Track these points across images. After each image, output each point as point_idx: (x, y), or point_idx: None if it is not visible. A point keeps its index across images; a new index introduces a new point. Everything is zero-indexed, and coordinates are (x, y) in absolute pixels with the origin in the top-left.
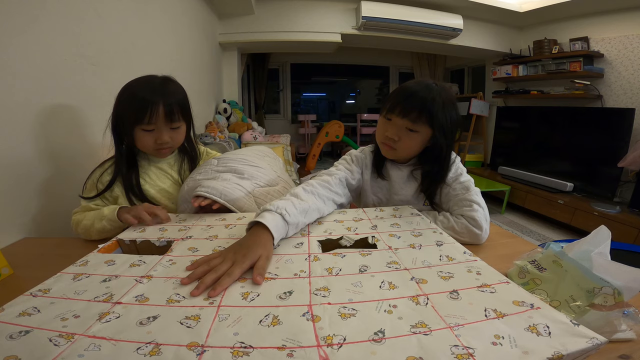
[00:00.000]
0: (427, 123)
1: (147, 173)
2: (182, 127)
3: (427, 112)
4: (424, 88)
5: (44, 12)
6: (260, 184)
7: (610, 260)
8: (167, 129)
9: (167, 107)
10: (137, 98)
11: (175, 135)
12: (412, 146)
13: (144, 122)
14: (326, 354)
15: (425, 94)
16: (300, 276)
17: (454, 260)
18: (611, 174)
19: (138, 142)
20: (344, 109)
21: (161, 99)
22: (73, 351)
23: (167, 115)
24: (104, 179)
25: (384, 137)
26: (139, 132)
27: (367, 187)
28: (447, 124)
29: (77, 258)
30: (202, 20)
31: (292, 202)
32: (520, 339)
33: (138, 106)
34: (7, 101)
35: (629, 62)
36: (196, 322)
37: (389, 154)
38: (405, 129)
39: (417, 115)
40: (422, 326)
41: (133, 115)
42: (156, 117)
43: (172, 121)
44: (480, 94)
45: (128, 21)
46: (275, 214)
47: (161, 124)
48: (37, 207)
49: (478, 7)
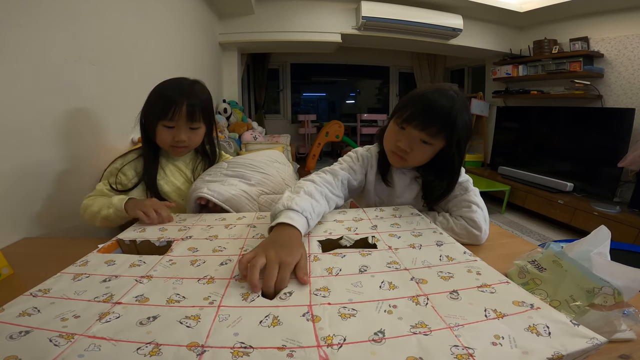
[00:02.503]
0: (445, 138)
1: (164, 169)
2: (201, 129)
3: (448, 127)
4: (447, 100)
5: (44, 12)
6: (267, 191)
7: (610, 260)
8: (186, 128)
9: (189, 107)
10: (164, 96)
11: (193, 135)
12: (423, 158)
13: (167, 117)
14: (326, 354)
15: (447, 108)
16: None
17: (454, 261)
18: (611, 174)
19: (158, 137)
20: (344, 109)
21: (185, 99)
22: (73, 351)
23: (188, 114)
24: (126, 170)
25: (395, 147)
26: (160, 128)
27: (370, 187)
28: (464, 137)
29: (77, 258)
30: (202, 20)
31: (311, 204)
32: (520, 339)
33: (163, 103)
34: (6, 102)
35: (629, 62)
36: (196, 322)
37: (398, 164)
38: (420, 141)
39: (437, 130)
40: (422, 326)
41: (158, 111)
42: (178, 115)
43: (192, 121)
44: (480, 94)
45: (128, 21)
46: (302, 216)
47: (182, 122)
48: (37, 207)
49: (478, 7)
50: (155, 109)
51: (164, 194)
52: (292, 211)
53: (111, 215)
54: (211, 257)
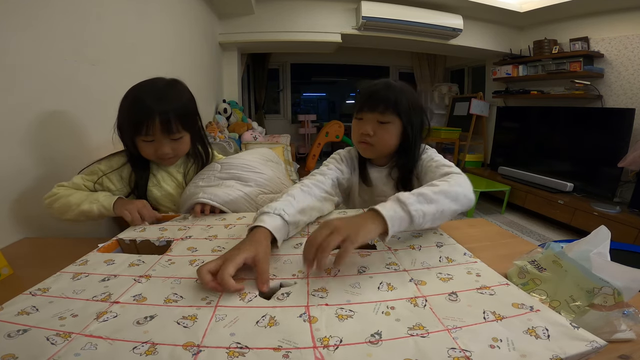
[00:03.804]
0: (395, 112)
1: (155, 176)
2: (185, 137)
3: (392, 102)
4: (385, 84)
5: (44, 12)
6: (265, 191)
7: (609, 260)
8: (167, 140)
9: (163, 119)
10: (135, 109)
11: (178, 145)
12: (387, 139)
13: (142, 133)
14: (322, 355)
15: (386, 88)
16: (299, 277)
17: (454, 262)
18: (611, 174)
19: (141, 151)
20: (344, 109)
21: (157, 111)
22: (69, 350)
23: (164, 128)
24: (111, 176)
25: (359, 136)
26: (140, 142)
27: (355, 188)
28: (413, 115)
29: (77, 258)
30: (202, 20)
31: (289, 201)
32: (518, 342)
33: (135, 118)
34: (7, 102)
35: (629, 62)
36: (193, 322)
37: (367, 152)
38: (377, 122)
39: (384, 106)
40: (420, 328)
41: (132, 127)
42: (153, 130)
43: (170, 133)
44: (480, 94)
45: (128, 21)
46: (274, 215)
47: (159, 136)
48: (37, 207)
49: (478, 7)
50: (129, 122)
51: (154, 200)
52: (264, 214)
53: (94, 211)
54: (210, 257)
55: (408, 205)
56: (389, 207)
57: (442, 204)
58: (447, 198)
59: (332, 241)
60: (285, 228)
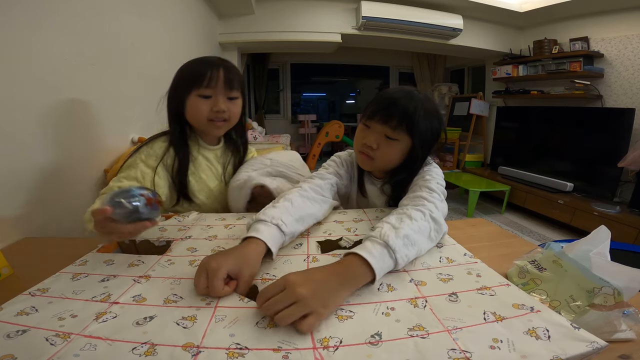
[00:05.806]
0: (407, 132)
1: (193, 162)
2: (239, 101)
3: (408, 120)
4: (406, 95)
5: (44, 12)
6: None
7: (609, 260)
8: (225, 97)
9: (227, 73)
10: (199, 62)
11: (233, 106)
12: (390, 155)
13: (203, 85)
14: (322, 356)
15: (406, 101)
16: None
17: (454, 262)
18: (611, 174)
19: (192, 111)
20: (344, 109)
21: (222, 66)
22: (69, 351)
23: (226, 81)
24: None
25: (361, 145)
26: (195, 100)
27: (352, 196)
28: (428, 135)
29: (77, 258)
30: (202, 20)
31: (287, 209)
32: (518, 343)
33: (200, 69)
34: (7, 102)
35: (629, 62)
36: (192, 323)
37: (366, 164)
38: (385, 136)
39: (397, 122)
40: (420, 329)
41: (191, 79)
42: (216, 81)
43: (231, 89)
44: (480, 94)
45: (128, 21)
46: (271, 225)
47: (220, 89)
48: (37, 208)
49: (478, 7)
50: (189, 76)
51: (191, 194)
52: (260, 222)
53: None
54: None
55: (396, 252)
56: (377, 254)
57: (421, 244)
58: (424, 237)
59: (293, 314)
60: (281, 239)
